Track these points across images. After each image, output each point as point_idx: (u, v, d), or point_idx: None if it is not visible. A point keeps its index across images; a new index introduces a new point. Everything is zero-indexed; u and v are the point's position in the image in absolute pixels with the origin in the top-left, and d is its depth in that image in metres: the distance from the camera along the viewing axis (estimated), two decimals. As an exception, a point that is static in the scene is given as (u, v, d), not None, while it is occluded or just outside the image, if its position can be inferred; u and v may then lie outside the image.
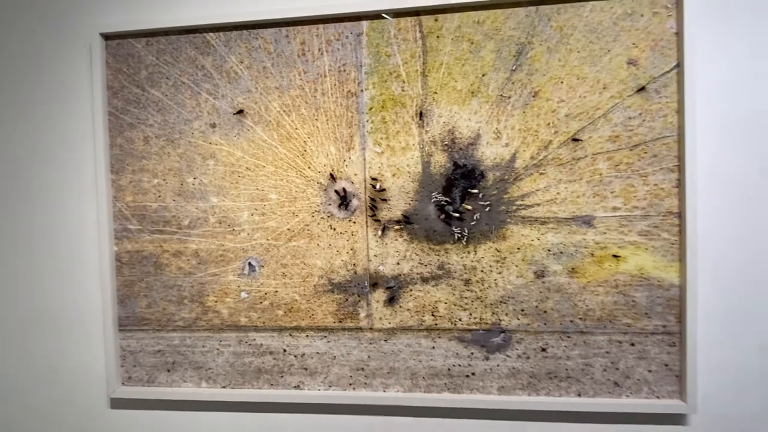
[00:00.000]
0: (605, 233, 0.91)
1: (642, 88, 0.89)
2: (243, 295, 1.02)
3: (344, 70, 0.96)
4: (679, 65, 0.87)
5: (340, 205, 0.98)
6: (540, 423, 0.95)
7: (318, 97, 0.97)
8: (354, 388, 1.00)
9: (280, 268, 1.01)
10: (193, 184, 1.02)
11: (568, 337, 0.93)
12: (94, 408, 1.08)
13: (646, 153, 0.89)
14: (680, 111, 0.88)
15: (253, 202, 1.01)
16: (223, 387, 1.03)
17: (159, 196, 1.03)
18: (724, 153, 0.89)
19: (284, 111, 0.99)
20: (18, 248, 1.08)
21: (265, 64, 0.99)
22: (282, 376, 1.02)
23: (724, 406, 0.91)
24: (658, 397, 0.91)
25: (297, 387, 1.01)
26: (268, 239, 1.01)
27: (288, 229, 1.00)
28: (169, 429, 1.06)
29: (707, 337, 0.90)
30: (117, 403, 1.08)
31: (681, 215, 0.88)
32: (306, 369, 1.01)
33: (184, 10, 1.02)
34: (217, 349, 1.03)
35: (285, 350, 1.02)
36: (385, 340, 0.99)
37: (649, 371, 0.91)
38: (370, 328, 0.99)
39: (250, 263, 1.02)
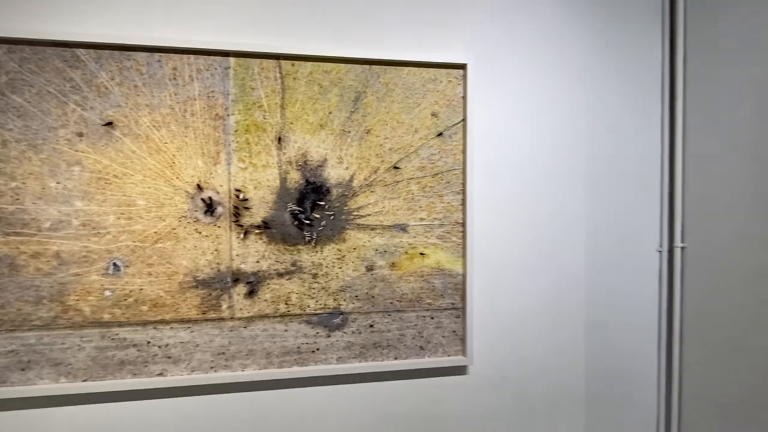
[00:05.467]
0: (415, 237, 1.50)
1: (440, 134, 1.50)
2: (107, 293, 1.34)
3: (213, 96, 1.37)
4: (464, 119, 1.51)
5: (206, 212, 1.38)
6: (369, 383, 1.50)
7: (188, 117, 1.36)
8: (215, 371, 1.40)
9: (146, 268, 1.35)
10: (56, 189, 1.30)
11: (389, 315, 1.50)
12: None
13: (442, 180, 1.51)
14: (464, 151, 1.51)
15: (120, 207, 1.34)
16: (84, 381, 1.33)
17: (17, 199, 1.28)
18: (492, 182, 1.56)
19: (154, 126, 1.34)
20: None
21: (136, 83, 1.33)
22: (146, 366, 1.36)
23: (491, 357, 1.58)
24: (449, 355, 1.53)
25: (160, 374, 1.37)
26: (134, 241, 1.35)
27: (155, 232, 1.36)
28: (22, 428, 1.31)
29: (480, 310, 1.56)
30: (-46, 411, 1.28)
31: (464, 224, 1.52)
32: (170, 357, 1.38)
33: (54, 25, 1.29)
34: (78, 345, 1.33)
35: (149, 342, 1.36)
36: (244, 327, 1.42)
37: (443, 337, 1.53)
38: (231, 318, 1.41)
39: (115, 263, 1.34)
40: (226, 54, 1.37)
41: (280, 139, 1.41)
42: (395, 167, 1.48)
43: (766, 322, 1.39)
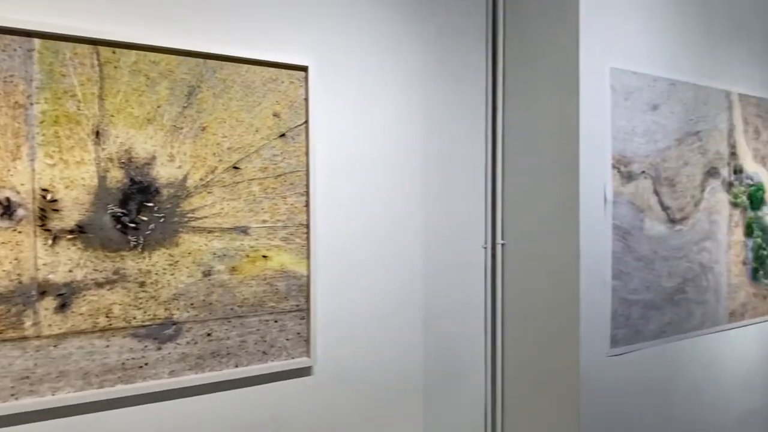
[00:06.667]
0: (257, 239, 1.50)
1: (283, 135, 1.52)
2: None
3: (11, 82, 1.21)
4: (307, 121, 1.55)
5: (2, 215, 1.22)
6: (207, 395, 1.46)
7: (-24, 103, 1.18)
8: (17, 398, 1.24)
9: None
10: None
11: (229, 321, 1.47)
12: None
13: (285, 181, 1.53)
14: (307, 153, 1.55)
15: None
16: None
17: None
18: (334, 183, 1.62)
19: (-72, 113, 1.15)
20: None
21: None
22: None
23: (336, 356, 1.64)
24: (293, 358, 1.56)
25: (-61, 410, 1.17)
26: None
27: (-70, 240, 1.16)
28: None
29: (324, 310, 1.61)
30: None
31: (308, 226, 1.56)
32: (-47, 388, 1.18)
33: None
34: None
35: None
36: (54, 346, 1.28)
37: (287, 339, 1.55)
38: (38, 336, 1.26)
39: None
40: (27, 34, 1.22)
41: (98, 133, 1.30)
42: (235, 167, 1.46)
43: (570, 309, 1.66)
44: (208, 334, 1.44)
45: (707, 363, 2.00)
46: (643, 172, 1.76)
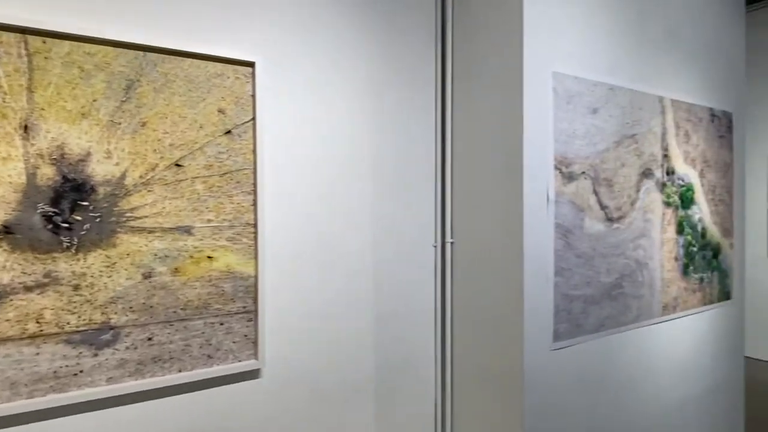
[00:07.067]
0: (202, 239, 1.46)
1: (228, 132, 1.49)
2: None
3: (-76, 70, 1.13)
4: (254, 118, 1.53)
5: None
6: (148, 402, 1.41)
7: None
8: (-67, 413, 1.15)
9: None
10: None
11: (171, 325, 1.43)
12: None
13: (232, 179, 1.50)
14: (254, 151, 1.53)
15: None
16: None
17: None
18: (283, 181, 1.61)
19: None
20: None
21: None
22: None
23: (285, 357, 1.63)
24: (240, 361, 1.53)
25: None
26: None
27: None
28: None
29: (273, 311, 1.59)
30: None
31: (255, 225, 1.54)
32: None
33: None
34: None
35: None
36: (-23, 355, 1.20)
37: (234, 342, 1.52)
38: (-42, 345, 1.18)
39: None
40: (-56, 19, 1.14)
41: (26, 127, 1.23)
42: (177, 165, 1.42)
43: (514, 305, 1.72)
44: (149, 339, 1.40)
45: (643, 354, 2.12)
46: (583, 172, 1.85)
